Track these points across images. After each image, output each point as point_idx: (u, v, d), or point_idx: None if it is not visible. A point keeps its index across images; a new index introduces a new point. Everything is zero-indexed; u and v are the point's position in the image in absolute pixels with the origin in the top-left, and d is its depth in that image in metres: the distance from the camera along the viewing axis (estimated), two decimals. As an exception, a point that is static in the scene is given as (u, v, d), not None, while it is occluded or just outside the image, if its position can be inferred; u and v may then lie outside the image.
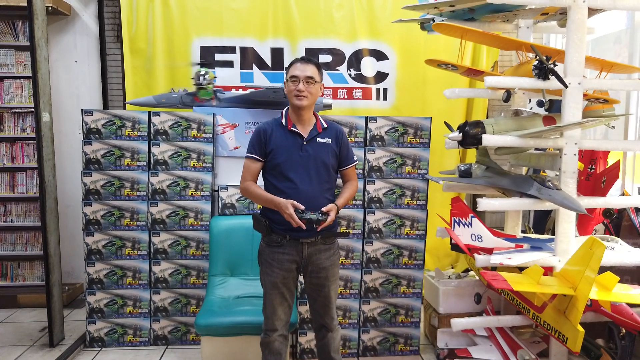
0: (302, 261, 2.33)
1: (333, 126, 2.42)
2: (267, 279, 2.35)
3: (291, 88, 2.28)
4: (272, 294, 2.35)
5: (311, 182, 2.28)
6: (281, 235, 2.30)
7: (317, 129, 2.35)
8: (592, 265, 2.05)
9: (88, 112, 3.17)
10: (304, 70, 2.27)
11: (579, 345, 2.10)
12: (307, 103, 2.29)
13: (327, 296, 2.41)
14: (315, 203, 2.24)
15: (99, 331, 3.24)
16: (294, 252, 2.31)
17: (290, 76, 2.28)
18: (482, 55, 4.00)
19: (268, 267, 2.34)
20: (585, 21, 2.44)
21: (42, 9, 3.10)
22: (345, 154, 2.41)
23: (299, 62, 2.31)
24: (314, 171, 2.29)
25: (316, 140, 2.32)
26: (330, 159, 2.34)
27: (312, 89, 2.28)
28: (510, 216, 3.01)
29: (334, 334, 2.48)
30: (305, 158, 2.28)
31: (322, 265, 2.35)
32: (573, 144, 2.47)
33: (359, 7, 3.95)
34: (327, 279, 2.38)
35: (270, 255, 2.33)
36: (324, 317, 2.45)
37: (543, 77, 2.42)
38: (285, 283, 2.34)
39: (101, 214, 3.18)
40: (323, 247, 2.35)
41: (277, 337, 2.39)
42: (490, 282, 2.23)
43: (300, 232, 2.25)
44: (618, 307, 2.35)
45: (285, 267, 2.31)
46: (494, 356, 2.72)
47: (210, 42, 3.93)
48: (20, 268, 4.10)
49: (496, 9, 2.70)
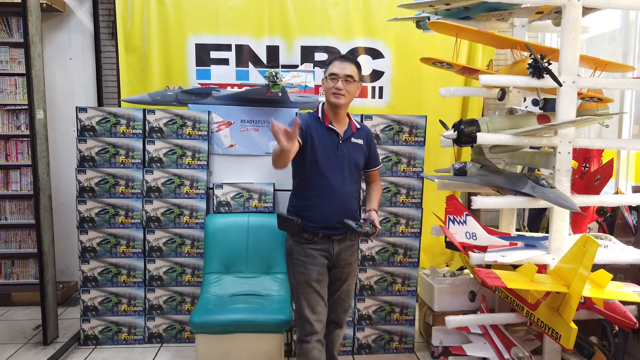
0: (332, 258, 2.35)
1: (364, 127, 2.45)
2: (301, 278, 2.30)
3: (330, 85, 2.26)
4: (308, 294, 2.29)
5: (344, 181, 2.31)
6: (313, 233, 2.29)
7: (351, 128, 2.37)
8: (585, 263, 2.06)
9: (82, 110, 3.16)
10: (343, 69, 2.25)
11: (572, 342, 2.11)
12: (345, 101, 2.28)
13: (347, 291, 2.46)
14: (346, 203, 2.31)
15: (94, 329, 3.23)
16: (326, 248, 2.32)
17: (330, 74, 2.27)
18: (477, 54, 4.01)
19: (301, 265, 2.31)
20: (580, 20, 2.44)
21: (37, 5, 3.09)
22: (374, 155, 2.46)
23: (338, 60, 2.29)
24: (347, 171, 2.31)
25: (351, 140, 2.34)
26: (361, 160, 2.38)
27: (350, 88, 2.27)
28: (505, 214, 3.02)
29: (341, 331, 2.51)
30: (340, 157, 2.30)
31: (347, 261, 2.40)
32: (567, 142, 2.47)
33: (354, 5, 3.95)
34: (350, 274, 2.44)
35: (303, 253, 2.31)
36: (338, 313, 2.47)
37: (537, 76, 2.42)
38: (320, 280, 2.32)
39: (95, 211, 3.17)
40: (350, 244, 2.40)
41: (315, 344, 2.30)
42: (484, 280, 2.24)
43: (332, 230, 2.29)
44: (611, 304, 2.36)
45: (319, 262, 2.31)
46: (488, 354, 2.72)
47: (206, 39, 3.92)
48: (14, 266, 4.09)
49: (491, 7, 2.70)
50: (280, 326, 2.70)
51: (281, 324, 2.69)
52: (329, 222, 2.29)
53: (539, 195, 2.44)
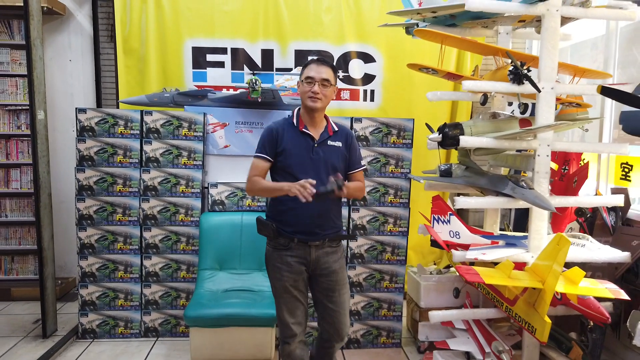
0: (310, 264, 2.30)
1: (343, 129, 2.40)
2: (278, 284, 2.31)
3: (306, 89, 2.24)
4: (285, 298, 2.31)
5: (321, 185, 2.23)
6: (288, 239, 2.28)
7: (328, 131, 2.33)
8: (558, 260, 2.18)
9: (82, 110, 3.26)
10: (320, 72, 2.23)
11: (546, 335, 2.22)
12: (321, 105, 2.26)
13: (340, 302, 2.36)
14: (324, 207, 2.26)
15: (91, 323, 3.33)
16: (302, 254, 2.29)
17: (306, 77, 2.25)
18: (466, 60, 4.13)
19: (277, 271, 2.30)
20: (558, 29, 2.55)
21: (38, 9, 3.19)
22: (354, 157, 2.39)
23: (314, 64, 2.26)
24: (324, 174, 2.25)
25: (327, 143, 2.30)
26: (339, 163, 2.33)
27: (326, 92, 2.26)
28: (489, 214, 3.14)
29: (342, 344, 2.45)
30: (316, 160, 2.26)
31: (331, 269, 2.33)
32: (546, 145, 2.58)
33: (347, 11, 4.06)
34: (338, 282, 2.35)
35: (279, 259, 2.30)
36: (337, 325, 2.37)
37: (518, 82, 2.53)
38: (296, 286, 2.31)
39: (94, 209, 3.28)
40: (330, 250, 2.34)
41: (297, 345, 2.34)
42: (463, 276, 2.35)
43: (307, 235, 2.27)
44: (586, 300, 2.47)
45: (295, 269, 2.29)
46: (470, 348, 2.84)
47: (202, 43, 4.02)
48: (14, 262, 4.19)
49: (475, 15, 2.81)
50: (271, 320, 2.80)
51: (272, 318, 2.79)
52: (305, 227, 2.27)
53: (518, 196, 2.56)
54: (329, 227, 2.33)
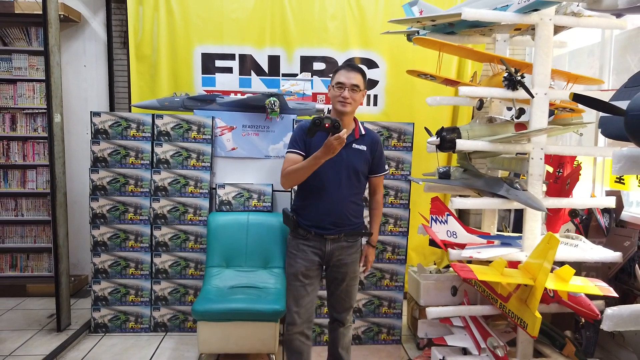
0: (324, 255, 2.42)
1: (371, 134, 2.50)
2: (290, 269, 2.45)
3: (336, 94, 2.34)
4: (294, 286, 2.42)
5: (340, 186, 2.37)
6: (307, 230, 2.41)
7: (354, 135, 2.42)
8: (548, 258, 2.28)
9: (96, 114, 3.41)
10: (350, 78, 2.32)
11: (536, 330, 2.32)
12: (350, 109, 2.36)
13: (346, 291, 2.51)
14: (339, 206, 2.38)
15: (103, 318, 3.47)
16: (318, 245, 2.41)
17: (337, 82, 2.34)
18: (467, 66, 4.24)
19: (292, 257, 2.45)
20: (551, 37, 2.66)
21: (56, 18, 3.35)
22: (378, 162, 2.50)
23: (345, 69, 2.36)
24: (345, 176, 2.36)
25: (352, 146, 2.39)
26: (362, 166, 2.42)
27: (356, 96, 2.35)
28: (487, 216, 3.24)
29: (345, 330, 2.57)
30: (338, 162, 2.32)
31: (343, 262, 2.46)
32: (539, 149, 2.68)
33: (351, 18, 4.19)
34: (347, 274, 2.48)
35: (295, 246, 2.44)
36: (339, 312, 2.55)
37: (512, 88, 2.64)
38: (307, 274, 2.41)
39: (107, 208, 3.42)
40: (346, 244, 2.45)
41: (296, 335, 2.43)
42: (457, 272, 2.46)
43: (323, 230, 2.39)
44: (577, 298, 2.57)
45: (309, 257, 2.41)
46: (466, 343, 2.93)
47: (211, 49, 4.16)
48: (29, 259, 4.35)
49: (472, 24, 2.93)
50: (275, 315, 2.92)
51: (275, 313, 2.91)
52: (321, 222, 2.39)
53: (512, 197, 2.66)
54: (345, 225, 2.43)
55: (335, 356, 2.63)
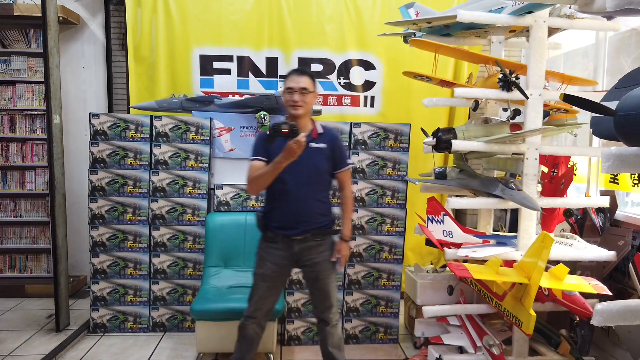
0: (293, 257, 2.49)
1: (329, 131, 2.57)
2: (258, 271, 2.54)
3: (287, 99, 2.44)
4: (260, 286, 2.53)
5: (303, 185, 2.44)
6: (274, 233, 2.48)
7: (312, 134, 2.49)
8: (543, 257, 2.31)
9: (95, 115, 3.44)
10: (298, 82, 2.43)
11: (531, 328, 2.35)
12: (302, 112, 2.44)
13: (323, 290, 2.55)
14: (304, 205, 2.44)
15: (102, 318, 3.49)
16: (286, 248, 2.48)
17: (287, 88, 2.45)
18: (463, 67, 4.27)
19: (261, 260, 2.53)
20: (545, 39, 2.69)
21: (55, 20, 3.38)
22: (339, 158, 2.55)
23: (293, 74, 2.46)
24: (307, 175, 2.43)
25: (310, 146, 2.44)
26: (323, 164, 2.49)
27: (306, 99, 2.44)
28: (483, 215, 3.27)
29: (332, 328, 2.60)
30: (299, 163, 2.36)
31: (314, 261, 2.51)
32: (534, 149, 2.72)
33: (348, 20, 4.22)
34: (321, 272, 2.53)
35: (265, 250, 2.52)
36: (321, 311, 2.59)
37: (507, 89, 2.67)
38: (274, 277, 2.51)
39: (106, 209, 3.44)
40: (314, 244, 2.50)
41: (253, 326, 2.55)
42: (453, 271, 2.48)
43: (289, 230, 2.45)
44: (572, 296, 2.59)
45: (278, 262, 2.49)
46: (463, 342, 2.96)
47: (209, 51, 4.19)
48: (28, 260, 4.36)
49: (468, 26, 2.96)
50: (273, 315, 2.93)
51: (273, 313, 2.92)
52: (288, 223, 2.46)
53: (507, 197, 2.69)
54: (312, 224, 2.48)
55: (327, 355, 2.65)
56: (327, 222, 2.57)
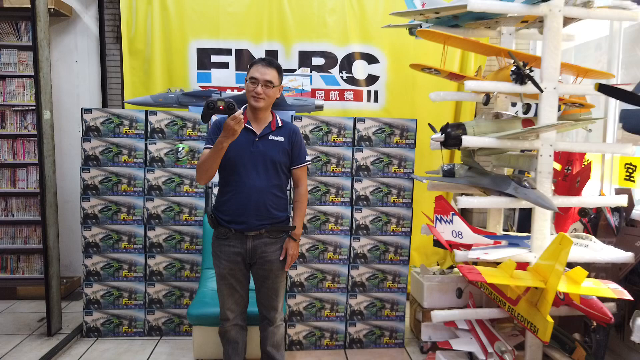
0: (247, 253, 2.39)
1: (288, 125, 2.48)
2: (216, 270, 2.46)
3: (250, 89, 2.32)
4: (221, 285, 2.45)
5: (258, 177, 2.34)
6: (227, 228, 2.38)
7: (271, 127, 2.41)
8: (560, 260, 2.18)
9: (87, 111, 3.29)
10: (263, 74, 2.30)
11: (548, 335, 2.22)
12: (264, 105, 2.34)
13: (272, 289, 2.48)
14: (258, 197, 2.34)
15: (96, 321, 3.36)
16: (239, 244, 2.38)
17: (250, 77, 2.32)
18: (470, 60, 4.14)
19: (216, 259, 2.44)
20: (561, 29, 2.56)
21: (45, 11, 3.23)
22: (297, 153, 2.46)
23: (260, 65, 2.33)
24: (262, 167, 2.35)
25: (268, 138, 2.38)
26: (280, 157, 2.39)
27: (269, 92, 2.33)
28: (492, 215, 3.14)
29: (275, 328, 2.54)
30: (255, 154, 2.33)
31: (267, 258, 2.41)
32: (548, 145, 2.59)
33: (351, 12, 4.08)
34: (272, 271, 2.44)
35: (218, 248, 2.42)
36: (267, 310, 2.52)
37: (520, 82, 2.53)
38: (233, 274, 2.42)
39: (99, 208, 3.30)
40: (269, 241, 2.41)
41: (231, 327, 2.49)
42: (465, 275, 2.35)
43: (241, 225, 2.35)
44: (589, 300, 2.47)
45: (231, 259, 2.39)
46: (473, 348, 2.83)
47: (207, 44, 4.05)
48: (20, 261, 4.23)
49: (478, 16, 2.83)
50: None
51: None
52: (240, 216, 2.35)
53: (520, 196, 2.56)
54: (266, 218, 2.38)
55: (267, 354, 2.58)
56: (283, 218, 2.46)
